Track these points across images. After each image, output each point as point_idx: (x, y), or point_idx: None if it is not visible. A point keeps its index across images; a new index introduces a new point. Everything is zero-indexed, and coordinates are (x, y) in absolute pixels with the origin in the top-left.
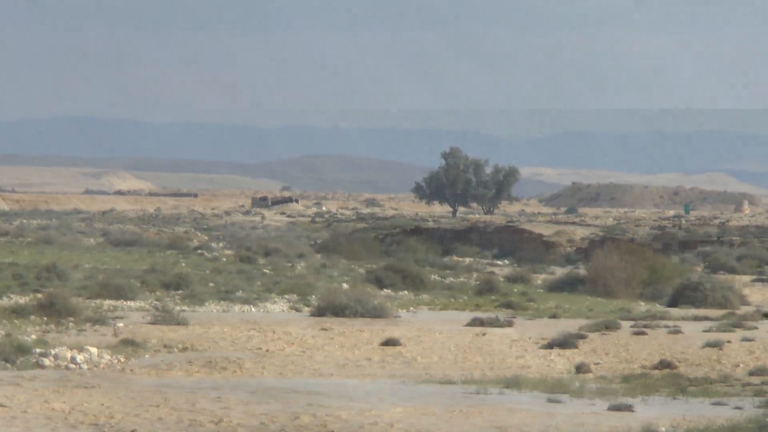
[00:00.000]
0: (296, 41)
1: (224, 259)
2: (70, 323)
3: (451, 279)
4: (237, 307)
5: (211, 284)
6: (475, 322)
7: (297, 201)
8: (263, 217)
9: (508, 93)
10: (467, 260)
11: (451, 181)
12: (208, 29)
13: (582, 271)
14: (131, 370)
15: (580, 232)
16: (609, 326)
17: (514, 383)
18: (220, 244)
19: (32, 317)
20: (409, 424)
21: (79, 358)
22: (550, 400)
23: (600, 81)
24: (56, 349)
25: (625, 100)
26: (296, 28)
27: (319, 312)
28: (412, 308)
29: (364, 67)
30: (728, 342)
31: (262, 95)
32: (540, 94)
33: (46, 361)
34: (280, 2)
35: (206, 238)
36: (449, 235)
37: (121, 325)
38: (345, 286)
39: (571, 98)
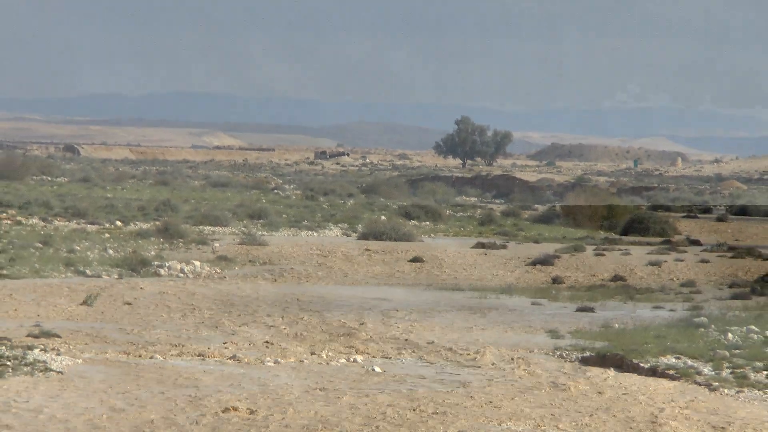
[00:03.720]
0: (334, 43)
1: (294, 197)
2: (180, 243)
3: (461, 213)
4: (303, 233)
5: (284, 215)
6: (479, 246)
7: (348, 155)
8: (323, 167)
9: (507, 79)
10: (473, 200)
11: (461, 141)
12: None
13: (558, 208)
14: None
15: (557, 180)
16: (577, 249)
17: (507, 290)
18: (291, 186)
19: (152, 239)
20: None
21: (187, 269)
22: (533, 303)
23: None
24: (169, 263)
25: (586, 91)
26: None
27: (364, 236)
28: (432, 235)
29: (408, 66)
30: (665, 261)
31: (332, 78)
32: (531, 81)
33: (162, 271)
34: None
35: (280, 181)
36: (460, 181)
37: (217, 245)
38: (383, 218)
39: (549, 84)
